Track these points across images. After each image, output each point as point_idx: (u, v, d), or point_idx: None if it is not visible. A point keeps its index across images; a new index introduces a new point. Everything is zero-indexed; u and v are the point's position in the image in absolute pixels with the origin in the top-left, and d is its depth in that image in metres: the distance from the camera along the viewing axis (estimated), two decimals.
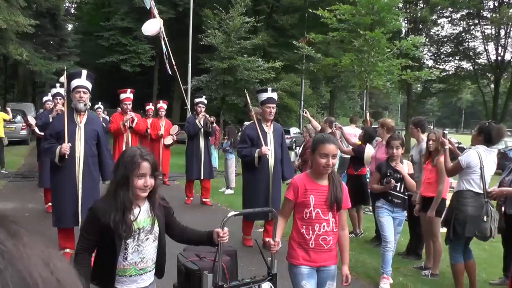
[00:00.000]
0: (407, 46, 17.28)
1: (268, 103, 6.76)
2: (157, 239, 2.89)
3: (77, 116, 5.68)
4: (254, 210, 4.20)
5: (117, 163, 2.78)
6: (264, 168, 6.74)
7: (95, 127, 5.85)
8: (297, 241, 3.45)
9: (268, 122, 6.89)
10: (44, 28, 29.99)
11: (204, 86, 24.09)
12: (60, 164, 5.54)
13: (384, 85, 17.91)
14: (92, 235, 2.76)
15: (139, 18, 24.34)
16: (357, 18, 16.44)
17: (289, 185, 3.58)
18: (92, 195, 5.54)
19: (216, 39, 23.33)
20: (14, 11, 21.88)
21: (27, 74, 31.84)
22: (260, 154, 6.62)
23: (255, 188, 6.79)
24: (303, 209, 3.41)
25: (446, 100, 53.58)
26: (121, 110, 9.85)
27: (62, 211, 5.67)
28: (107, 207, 2.70)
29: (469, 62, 32.71)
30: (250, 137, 6.81)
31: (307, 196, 3.40)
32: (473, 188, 5.08)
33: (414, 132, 6.76)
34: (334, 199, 3.37)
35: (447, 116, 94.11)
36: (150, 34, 13.46)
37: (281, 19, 29.63)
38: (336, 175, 3.54)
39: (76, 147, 5.59)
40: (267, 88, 7.01)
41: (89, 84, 5.72)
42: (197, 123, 9.79)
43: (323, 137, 3.48)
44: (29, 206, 8.93)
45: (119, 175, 2.71)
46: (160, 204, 2.94)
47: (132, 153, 2.73)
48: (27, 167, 14.45)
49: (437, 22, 32.18)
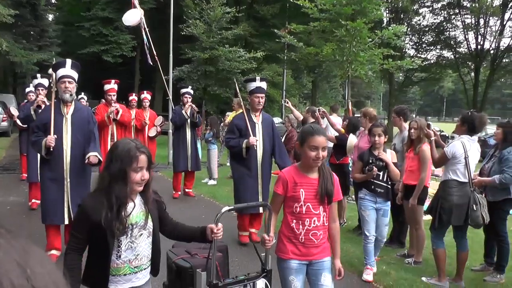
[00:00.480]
0: (388, 35, 17.37)
1: (257, 92, 6.63)
2: (151, 234, 2.78)
3: (64, 107, 5.51)
4: (248, 205, 3.89)
5: (110, 156, 2.61)
6: (253, 159, 6.61)
7: (82, 116, 5.64)
8: (286, 235, 3.37)
9: (257, 112, 6.76)
10: (24, 18, 29.52)
11: (186, 77, 23.96)
12: (47, 157, 5.37)
13: (366, 74, 18.00)
14: (83, 233, 2.61)
15: (120, 8, 24.12)
16: (338, 8, 16.45)
17: (278, 178, 3.44)
18: (81, 189, 5.44)
19: (197, 29, 23.20)
20: None
21: (7, 65, 31.33)
22: (248, 145, 6.49)
23: (244, 179, 6.64)
24: (293, 203, 3.31)
25: (428, 88, 54.04)
26: (106, 102, 9.56)
27: (49, 207, 5.48)
28: (98, 204, 2.57)
29: (450, 51, 33.08)
30: (238, 127, 6.66)
31: (296, 190, 3.30)
32: (458, 177, 5.18)
33: (396, 121, 6.81)
34: (324, 192, 3.28)
35: (429, 105, 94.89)
36: (131, 24, 13.36)
37: (262, 9, 29.55)
38: (326, 167, 3.43)
39: (64, 139, 5.42)
40: (256, 78, 6.86)
41: (75, 73, 5.55)
42: (183, 114, 9.66)
43: (312, 129, 3.33)
44: (11, 199, 8.88)
45: (114, 169, 2.55)
46: (153, 198, 2.84)
47: (127, 145, 2.59)
48: (8, 159, 14.32)
49: (418, 11, 32.43)
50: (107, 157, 2.65)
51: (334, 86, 48.11)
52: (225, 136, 6.88)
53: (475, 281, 5.66)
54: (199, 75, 23.89)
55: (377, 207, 5.47)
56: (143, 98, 11.70)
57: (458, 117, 5.81)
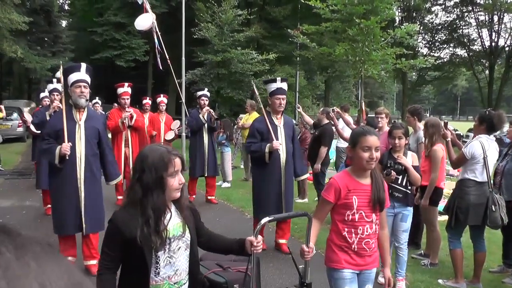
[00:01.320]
0: (401, 34, 17.25)
1: (278, 94, 6.30)
2: (189, 247, 2.58)
3: (77, 113, 5.26)
4: (289, 214, 3.58)
5: (141, 166, 2.38)
6: (276, 164, 6.28)
7: (96, 124, 5.41)
8: (338, 244, 3.20)
9: (278, 114, 6.42)
10: (38, 25, 29.99)
11: (199, 80, 24.06)
12: (60, 166, 5.09)
13: (379, 74, 17.89)
14: (115, 250, 2.40)
15: (132, 13, 24.25)
16: (350, 8, 16.38)
17: (329, 185, 3.23)
18: (96, 198, 5.32)
19: (209, 33, 23.29)
20: (8, 8, 21.82)
21: (22, 71, 31.79)
22: (271, 149, 6.16)
23: (267, 186, 6.30)
24: (344, 211, 3.14)
25: (442, 87, 53.51)
26: (119, 106, 9.21)
27: (63, 217, 5.23)
28: (131, 218, 2.37)
29: (464, 49, 32.79)
30: (259, 131, 6.33)
31: (349, 197, 3.12)
32: (475, 177, 5.13)
33: (410, 121, 6.73)
34: (377, 199, 3.13)
35: (443, 103, 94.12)
36: (143, 29, 13.40)
37: (274, 11, 29.52)
38: (377, 172, 3.25)
39: (77, 147, 5.16)
40: (276, 78, 6.54)
41: (89, 78, 5.33)
42: (200, 118, 9.33)
43: (363, 129, 3.24)
44: (26, 203, 8.96)
45: (148, 179, 2.33)
46: (188, 206, 2.67)
47: (158, 151, 2.40)
48: (24, 164, 14.46)
49: (430, 10, 32.17)
50: (138, 168, 2.41)
51: (347, 86, 47.98)
52: (247, 141, 6.45)
53: (493, 283, 5.58)
54: (212, 78, 23.96)
55: (395, 212, 5.14)
56: (159, 102, 11.37)
57: (472, 116, 5.74)
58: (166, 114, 11.54)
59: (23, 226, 7.29)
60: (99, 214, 5.36)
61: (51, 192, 5.52)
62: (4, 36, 22.79)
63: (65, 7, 43.15)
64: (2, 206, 8.81)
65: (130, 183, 2.49)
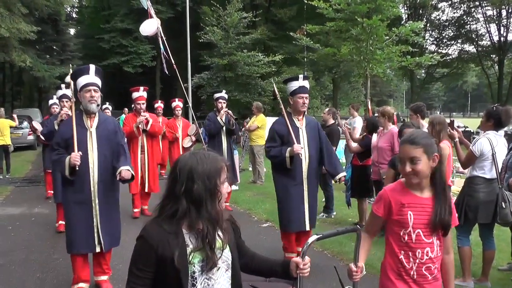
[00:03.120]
0: (405, 32, 17.18)
1: (300, 92, 5.71)
2: (230, 267, 2.20)
3: (87, 119, 4.78)
4: (338, 231, 2.66)
5: (188, 176, 2.03)
6: (298, 170, 5.69)
7: (108, 127, 4.91)
8: (395, 270, 2.70)
9: (300, 115, 5.81)
10: (46, 34, 30.28)
11: (206, 83, 24.17)
12: (71, 177, 4.62)
13: (384, 72, 17.83)
14: (146, 271, 2.05)
15: (138, 19, 24.40)
16: (353, 7, 16.37)
17: (378, 197, 2.80)
18: (112, 211, 4.85)
19: (215, 36, 23.38)
20: (16, 18, 22.04)
21: (31, 80, 32.08)
22: (292, 154, 5.56)
23: (289, 194, 5.72)
24: (399, 229, 2.65)
25: (451, 84, 53.34)
26: (135, 111, 8.55)
27: (76, 234, 4.70)
28: (167, 234, 2.02)
29: (472, 44, 32.65)
30: (279, 134, 5.74)
31: (403, 213, 2.62)
32: (484, 174, 5.07)
33: (413, 119, 6.68)
34: (438, 221, 2.57)
35: (453, 100, 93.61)
36: (148, 34, 13.42)
37: (279, 12, 29.58)
38: (442, 184, 2.66)
39: (89, 156, 4.67)
40: (298, 76, 5.93)
41: (99, 80, 4.82)
42: (218, 121, 8.92)
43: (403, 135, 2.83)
44: (35, 211, 9.04)
45: (201, 189, 2.00)
46: (228, 221, 2.28)
47: (208, 157, 2.09)
48: (34, 172, 14.59)
49: (437, 6, 32.03)
50: (183, 178, 2.03)
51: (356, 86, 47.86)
52: (266, 145, 5.94)
53: (502, 281, 5.49)
54: (219, 81, 24.05)
55: None
56: (175, 106, 10.96)
57: (483, 112, 5.64)
58: (183, 119, 11.17)
59: (32, 233, 7.40)
60: (115, 229, 4.92)
61: (64, 206, 5.00)
62: (13, 46, 23.01)
63: (72, 15, 43.51)
64: (12, 213, 8.90)
65: (166, 196, 2.08)
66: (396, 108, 65.63)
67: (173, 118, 10.94)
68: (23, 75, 34.91)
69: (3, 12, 21.01)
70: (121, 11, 31.46)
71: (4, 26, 20.81)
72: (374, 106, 24.52)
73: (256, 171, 12.24)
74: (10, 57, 23.09)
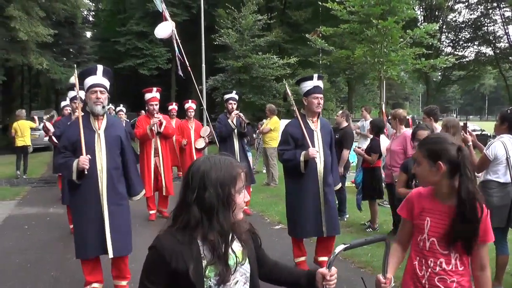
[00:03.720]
0: (420, 34, 17.07)
1: (315, 92, 5.43)
2: (248, 280, 2.04)
3: (95, 121, 4.61)
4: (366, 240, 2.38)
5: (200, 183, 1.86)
6: (312, 175, 5.42)
7: (117, 132, 4.74)
8: (410, 275, 2.56)
9: (314, 116, 5.55)
10: (63, 37, 30.68)
11: (220, 86, 24.26)
12: (79, 181, 4.47)
13: (398, 75, 17.74)
14: (158, 284, 1.90)
15: (154, 22, 24.57)
16: (367, 9, 16.33)
17: (405, 198, 2.65)
18: (122, 217, 4.66)
19: (229, 38, 23.46)
20: (34, 22, 22.38)
21: (48, 82, 32.53)
22: (306, 158, 5.30)
23: (303, 199, 5.44)
24: (417, 234, 2.51)
25: (468, 87, 52.80)
26: (148, 112, 8.35)
27: (85, 238, 4.53)
28: (180, 245, 1.86)
29: (489, 46, 32.30)
30: (293, 136, 5.46)
31: (422, 217, 2.48)
32: (498, 178, 5.02)
33: (426, 122, 6.69)
34: (456, 234, 2.35)
35: (470, 103, 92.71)
36: (163, 37, 13.59)
37: (295, 14, 29.56)
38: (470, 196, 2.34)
39: (97, 159, 4.50)
40: (312, 75, 5.64)
41: (107, 82, 4.69)
42: (229, 123, 8.63)
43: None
44: (50, 210, 9.21)
45: (213, 198, 1.84)
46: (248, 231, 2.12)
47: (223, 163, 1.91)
48: (49, 173, 14.81)
49: (453, 8, 31.78)
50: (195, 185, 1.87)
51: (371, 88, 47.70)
52: (279, 148, 5.69)
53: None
54: (234, 84, 24.10)
55: None
56: (187, 108, 10.63)
57: None
58: (196, 121, 10.85)
59: (46, 232, 7.54)
60: (125, 236, 4.70)
61: (72, 211, 4.90)
62: (31, 49, 23.32)
63: (89, 19, 44.01)
64: (28, 213, 9.09)
65: (180, 204, 1.93)
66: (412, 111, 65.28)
67: (185, 120, 10.68)
68: (40, 77, 35.44)
69: (22, 16, 21.36)
70: (137, 14, 31.74)
71: (23, 30, 21.17)
72: (389, 109, 24.37)
73: (270, 173, 12.25)
74: (28, 60, 23.42)
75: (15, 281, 5.30)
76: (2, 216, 8.70)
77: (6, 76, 24.80)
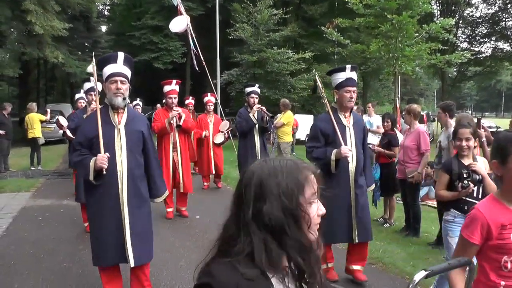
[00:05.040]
0: (436, 29, 16.90)
1: (348, 85, 4.89)
2: None
3: (115, 115, 4.15)
4: (450, 264, 2.07)
5: (257, 194, 1.37)
6: (344, 176, 4.88)
7: (139, 127, 4.27)
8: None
9: (347, 111, 5.01)
10: (78, 31, 30.94)
11: (235, 80, 24.29)
12: (96, 182, 4.02)
13: (413, 70, 17.59)
14: None
15: (169, 16, 24.68)
16: (383, 3, 16.21)
17: (471, 218, 2.24)
18: (143, 221, 4.24)
19: (245, 33, 23.49)
20: (50, 16, 22.53)
21: (63, 76, 32.83)
22: (338, 157, 4.75)
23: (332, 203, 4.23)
24: (498, 256, 2.16)
25: (484, 83, 52.16)
26: (166, 106, 7.87)
27: (103, 245, 4.12)
28: (247, 282, 1.29)
29: (507, 42, 31.85)
30: (324, 132, 4.93)
31: (504, 236, 2.14)
32: None
33: (442, 117, 6.61)
34: None
35: (486, 100, 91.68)
36: (178, 31, 13.66)
37: (310, 9, 29.44)
38: None
39: (117, 157, 4.06)
40: (345, 66, 5.06)
41: (128, 70, 4.18)
42: (250, 117, 8.24)
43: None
44: (64, 202, 9.30)
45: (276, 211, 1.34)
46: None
47: (284, 164, 1.42)
48: (64, 165, 15.00)
49: (470, 2, 31.39)
50: (251, 197, 1.38)
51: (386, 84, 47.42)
52: (307, 145, 5.11)
53: None
54: (248, 78, 24.11)
55: None
56: (206, 101, 10.50)
57: None
58: (215, 115, 10.66)
59: (60, 224, 7.62)
60: (147, 242, 4.30)
61: (88, 215, 4.45)
62: (47, 43, 23.49)
63: (104, 13, 44.25)
64: (42, 204, 9.19)
65: (231, 224, 1.41)
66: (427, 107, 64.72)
67: (204, 114, 10.56)
68: (55, 71, 35.77)
69: (38, 10, 21.53)
70: (152, 8, 31.82)
71: (39, 24, 21.34)
72: (404, 105, 24.20)
73: None
74: (43, 53, 23.60)
75: (28, 272, 5.35)
76: (17, 208, 8.79)
77: (22, 69, 25.03)
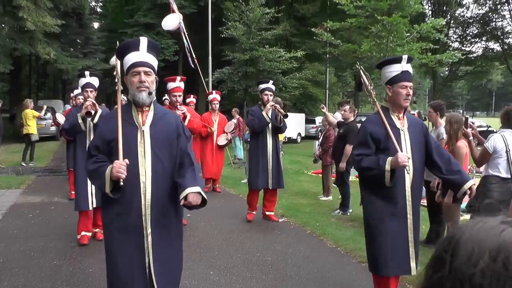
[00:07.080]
0: (427, 29, 17.01)
1: (403, 80, 3.98)
2: None
3: (138, 114, 3.36)
4: None
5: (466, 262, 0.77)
6: (400, 190, 3.98)
7: (168, 127, 3.42)
8: None
9: (401, 112, 4.10)
10: (70, 27, 30.74)
11: (227, 78, 24.30)
12: (114, 196, 3.20)
13: None
14: None
15: (161, 14, 24.61)
16: (373, 4, 16.30)
17: None
18: (170, 245, 3.40)
19: (237, 31, 23.48)
20: (42, 12, 22.41)
21: (55, 72, 32.64)
22: (394, 166, 3.82)
23: (386, 223, 3.96)
24: None
25: (475, 82, 52.58)
26: (169, 104, 7.42)
27: (119, 273, 3.30)
28: None
29: (497, 42, 32.12)
30: (375, 137, 4.02)
31: None
32: (499, 173, 5.06)
33: (432, 116, 6.68)
34: None
35: (477, 99, 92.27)
36: (170, 29, 13.63)
37: (302, 8, 29.56)
38: None
39: (140, 166, 3.26)
40: (400, 57, 4.10)
41: (153, 59, 3.38)
42: (264, 116, 7.51)
43: None
44: (55, 200, 9.29)
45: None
46: None
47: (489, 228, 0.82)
48: (55, 162, 14.98)
49: (461, 3, 31.61)
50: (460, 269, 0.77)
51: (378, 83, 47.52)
52: (354, 152, 4.17)
53: None
54: (240, 76, 24.14)
55: None
56: (211, 100, 10.22)
57: None
58: (220, 114, 10.26)
59: (51, 221, 7.59)
60: (175, 268, 3.51)
61: (104, 234, 3.57)
62: (39, 39, 23.37)
63: (96, 10, 44.09)
64: (33, 201, 9.15)
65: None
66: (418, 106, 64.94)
67: (209, 112, 10.31)
68: (47, 67, 35.53)
69: (30, 6, 21.40)
70: (145, 5, 31.75)
71: (30, 20, 21.21)
72: None
73: None
74: (35, 49, 23.48)
75: (18, 269, 5.35)
76: (7, 204, 8.77)
77: (14, 65, 24.88)
